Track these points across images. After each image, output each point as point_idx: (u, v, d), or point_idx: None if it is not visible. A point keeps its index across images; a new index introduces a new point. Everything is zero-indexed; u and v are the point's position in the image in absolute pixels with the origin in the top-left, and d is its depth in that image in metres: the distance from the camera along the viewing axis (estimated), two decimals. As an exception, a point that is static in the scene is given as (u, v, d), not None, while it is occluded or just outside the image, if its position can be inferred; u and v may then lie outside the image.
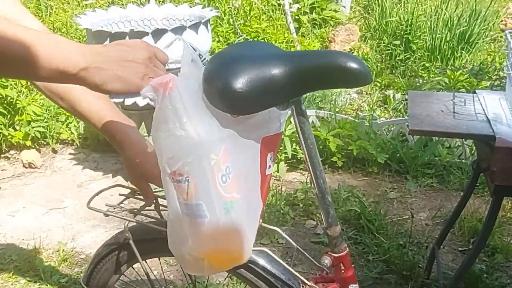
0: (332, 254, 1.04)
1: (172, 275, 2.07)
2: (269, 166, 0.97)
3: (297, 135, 0.97)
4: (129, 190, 1.17)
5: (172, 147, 0.85)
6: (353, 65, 0.85)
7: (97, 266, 1.22)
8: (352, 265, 1.06)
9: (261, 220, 1.05)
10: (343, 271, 1.04)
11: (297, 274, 1.05)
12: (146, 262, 1.18)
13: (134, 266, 1.24)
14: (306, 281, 1.04)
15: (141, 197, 1.13)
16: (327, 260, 1.03)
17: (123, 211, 1.11)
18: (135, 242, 1.09)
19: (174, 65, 0.98)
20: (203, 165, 0.85)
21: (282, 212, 2.43)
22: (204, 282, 1.94)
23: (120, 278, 1.27)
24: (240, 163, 0.89)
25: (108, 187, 1.19)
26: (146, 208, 1.12)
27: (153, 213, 1.15)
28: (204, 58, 0.93)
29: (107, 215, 1.11)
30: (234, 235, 0.91)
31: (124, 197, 1.15)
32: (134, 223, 1.11)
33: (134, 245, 1.08)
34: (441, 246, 2.09)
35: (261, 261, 1.05)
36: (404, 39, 4.24)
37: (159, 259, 1.70)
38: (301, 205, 2.51)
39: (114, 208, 1.12)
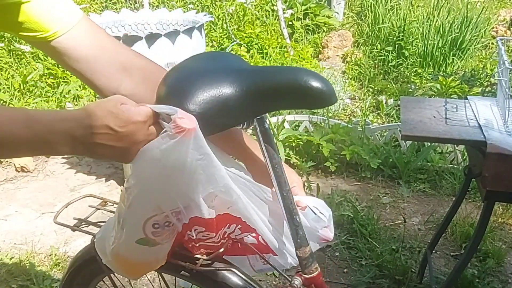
0: (303, 275, 1.00)
1: None
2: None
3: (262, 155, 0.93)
4: (100, 201, 1.14)
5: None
6: (316, 84, 0.79)
7: (70, 277, 1.18)
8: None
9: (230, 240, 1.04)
10: None
11: None
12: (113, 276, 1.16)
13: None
14: None
15: (111, 209, 1.11)
16: (297, 281, 1.00)
17: (89, 225, 1.08)
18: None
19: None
20: (149, 203, 0.85)
21: (275, 217, 2.43)
22: None
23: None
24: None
25: (77, 198, 1.14)
26: None
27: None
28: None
29: (74, 230, 1.07)
30: (137, 261, 0.95)
31: (93, 209, 1.12)
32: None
33: (100, 259, 1.03)
34: (434, 251, 2.10)
35: (230, 280, 1.02)
36: (396, 45, 4.27)
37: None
38: (294, 210, 2.51)
39: (82, 223, 1.08)
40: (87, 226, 1.08)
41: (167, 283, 1.34)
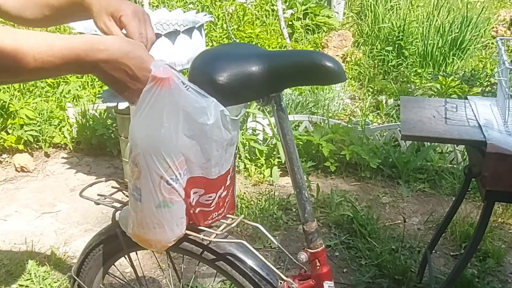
0: (308, 250, 1.07)
1: (164, 279, 2.07)
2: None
3: (276, 132, 1.00)
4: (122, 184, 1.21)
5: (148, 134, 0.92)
6: (328, 63, 0.91)
7: (87, 257, 1.23)
8: (328, 263, 1.09)
9: (242, 216, 1.07)
10: (318, 267, 1.07)
11: (275, 269, 1.06)
12: (132, 255, 1.18)
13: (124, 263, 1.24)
14: (284, 277, 1.06)
15: None
16: (303, 256, 1.06)
17: (113, 202, 1.14)
18: (123, 234, 1.09)
19: None
20: (155, 161, 0.91)
21: (275, 217, 2.43)
22: (196, 287, 1.94)
23: (109, 271, 1.27)
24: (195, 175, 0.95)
25: (100, 180, 1.26)
26: None
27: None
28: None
29: (98, 204, 1.15)
30: (158, 227, 0.99)
31: (116, 190, 1.18)
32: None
33: (121, 234, 1.09)
34: (433, 251, 2.10)
35: (240, 254, 1.06)
36: (396, 45, 4.27)
37: (154, 255, 1.70)
38: (294, 210, 2.51)
39: (105, 198, 1.15)
40: (112, 203, 1.15)
41: (175, 265, 1.37)
